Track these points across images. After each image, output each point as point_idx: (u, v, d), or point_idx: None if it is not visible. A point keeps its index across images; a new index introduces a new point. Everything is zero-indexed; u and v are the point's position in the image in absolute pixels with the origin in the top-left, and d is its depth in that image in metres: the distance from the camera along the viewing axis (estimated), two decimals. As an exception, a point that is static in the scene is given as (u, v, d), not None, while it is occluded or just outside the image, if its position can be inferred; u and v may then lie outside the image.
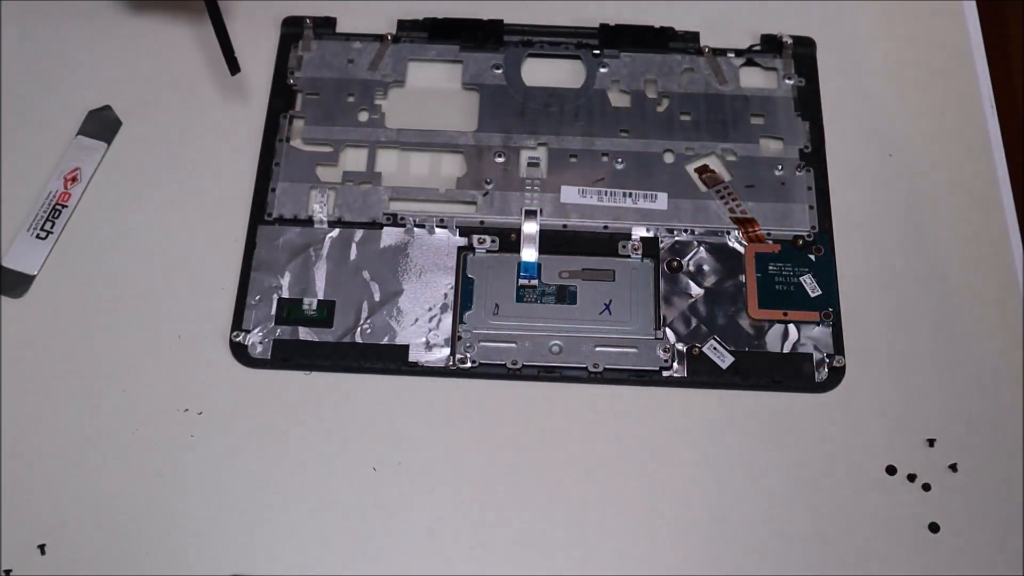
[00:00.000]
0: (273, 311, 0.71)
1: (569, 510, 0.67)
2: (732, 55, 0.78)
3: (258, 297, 0.72)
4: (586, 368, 0.70)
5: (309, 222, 0.74)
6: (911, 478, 0.68)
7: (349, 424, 0.69)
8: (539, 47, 0.77)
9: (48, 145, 0.74)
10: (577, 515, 0.66)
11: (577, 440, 0.69)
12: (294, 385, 0.70)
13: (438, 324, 0.71)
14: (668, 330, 0.71)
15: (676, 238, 0.73)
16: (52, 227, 0.71)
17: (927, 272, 0.73)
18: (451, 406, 0.70)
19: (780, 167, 0.76)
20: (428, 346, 0.71)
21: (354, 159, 0.76)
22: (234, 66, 0.70)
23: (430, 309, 0.72)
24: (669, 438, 0.69)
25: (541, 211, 0.74)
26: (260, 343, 0.71)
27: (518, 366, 0.70)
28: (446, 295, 0.72)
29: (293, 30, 0.79)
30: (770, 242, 0.73)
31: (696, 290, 0.72)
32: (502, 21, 0.79)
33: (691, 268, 0.72)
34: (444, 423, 0.70)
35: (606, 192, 0.75)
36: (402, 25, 0.79)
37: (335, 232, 0.73)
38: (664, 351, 0.70)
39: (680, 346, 0.70)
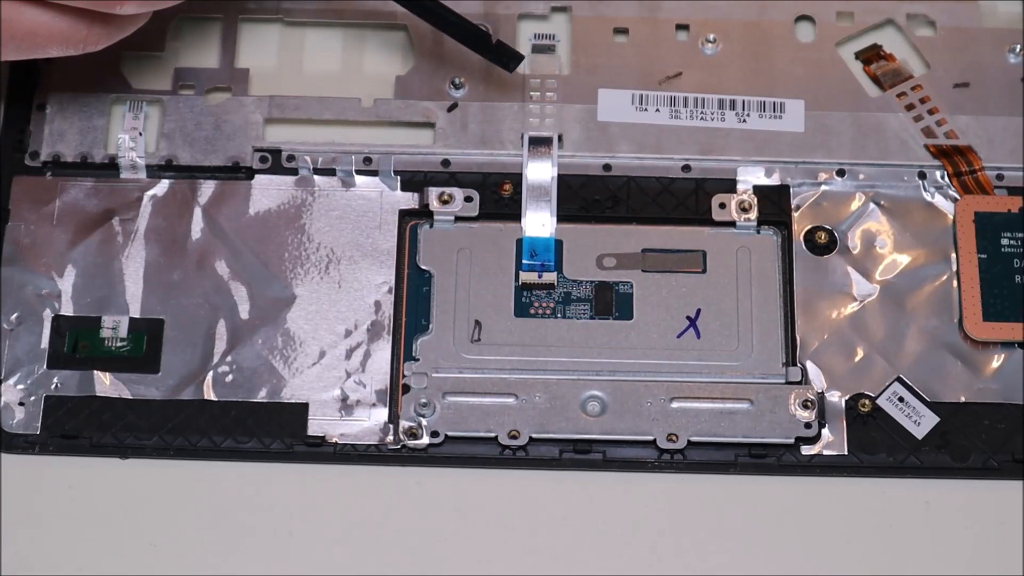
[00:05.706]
0: (44, 342, 0.58)
1: None
2: None
3: (15, 315, 0.59)
4: (654, 443, 0.56)
5: (112, 167, 0.61)
6: None
7: (195, 560, 0.56)
8: None
9: None
10: None
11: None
12: (89, 485, 0.57)
13: (364, 364, 0.58)
14: (811, 366, 0.58)
15: (824, 187, 0.61)
16: None
17: None
18: (392, 528, 0.56)
19: (1018, 48, 0.62)
20: (345, 406, 0.57)
21: (196, 45, 0.65)
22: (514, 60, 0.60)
23: (348, 334, 0.59)
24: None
25: (561, 139, 0.61)
26: (22, 404, 0.57)
27: (521, 441, 0.57)
28: (378, 306, 0.59)
29: None
30: (1002, 193, 0.60)
31: (864, 287, 0.59)
32: None
33: (853, 245, 0.61)
34: (380, 563, 0.55)
35: (687, 100, 0.62)
36: None
37: (161, 187, 0.61)
38: (804, 407, 0.57)
39: (835, 397, 0.58)
